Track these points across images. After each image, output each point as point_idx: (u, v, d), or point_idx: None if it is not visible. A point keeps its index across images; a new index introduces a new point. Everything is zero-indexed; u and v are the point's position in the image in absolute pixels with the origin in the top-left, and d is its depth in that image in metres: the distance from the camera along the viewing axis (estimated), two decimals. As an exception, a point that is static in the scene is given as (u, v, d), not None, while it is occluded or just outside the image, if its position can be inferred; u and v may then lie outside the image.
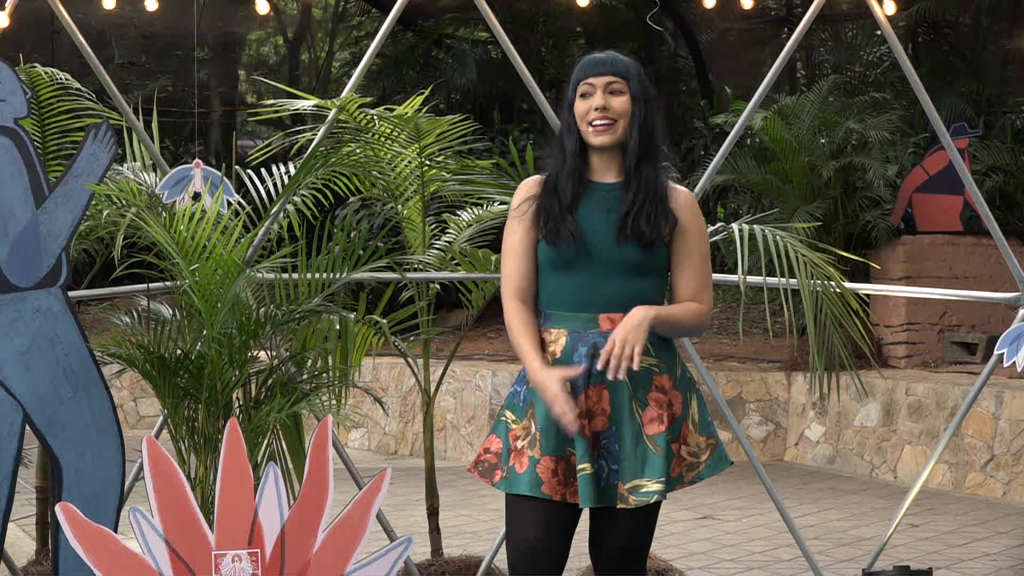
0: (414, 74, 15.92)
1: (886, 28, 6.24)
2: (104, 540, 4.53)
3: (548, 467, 4.13)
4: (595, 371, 4.12)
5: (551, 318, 4.22)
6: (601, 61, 4.26)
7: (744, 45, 18.91)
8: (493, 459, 4.25)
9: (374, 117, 6.13)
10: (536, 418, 4.17)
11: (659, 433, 4.13)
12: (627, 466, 4.13)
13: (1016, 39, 14.73)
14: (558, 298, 4.22)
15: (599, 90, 4.20)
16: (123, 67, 18.36)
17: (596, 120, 4.19)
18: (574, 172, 4.22)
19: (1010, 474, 9.65)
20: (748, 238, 5.95)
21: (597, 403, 4.15)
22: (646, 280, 4.20)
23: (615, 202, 4.18)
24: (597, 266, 4.17)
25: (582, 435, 4.09)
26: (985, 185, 12.46)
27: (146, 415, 13.11)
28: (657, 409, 4.15)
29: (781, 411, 11.53)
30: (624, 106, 4.21)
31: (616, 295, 4.16)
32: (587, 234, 4.16)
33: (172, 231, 5.25)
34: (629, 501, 4.13)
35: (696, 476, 4.25)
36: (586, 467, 4.09)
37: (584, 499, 4.10)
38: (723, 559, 7.84)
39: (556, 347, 4.18)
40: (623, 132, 4.21)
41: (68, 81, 6.27)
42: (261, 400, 5.40)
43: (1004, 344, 5.82)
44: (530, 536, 4.15)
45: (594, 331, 4.15)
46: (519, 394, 4.26)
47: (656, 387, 4.16)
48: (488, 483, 4.26)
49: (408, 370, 6.89)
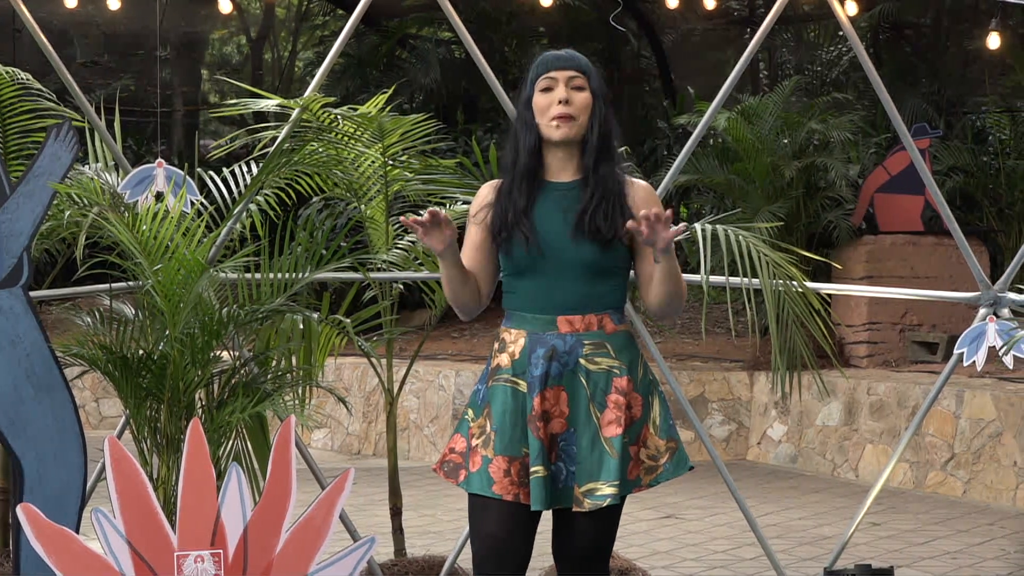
0: (378, 74, 15.91)
1: (848, 29, 6.27)
2: (66, 541, 4.52)
3: (500, 467, 4.11)
4: (553, 373, 4.10)
5: (512, 318, 4.22)
6: (562, 56, 4.22)
7: (707, 45, 18.98)
8: (458, 459, 4.23)
9: (337, 116, 6.12)
10: (492, 417, 4.16)
11: (616, 436, 4.09)
12: (583, 469, 4.10)
13: (977, 40, 14.81)
14: (517, 299, 4.21)
15: (561, 84, 4.17)
16: (85, 66, 18.28)
17: (558, 113, 4.14)
18: (529, 173, 4.18)
19: (970, 472, 9.71)
20: (711, 238, 5.97)
21: (555, 405, 4.12)
22: (606, 281, 4.17)
23: (572, 201, 4.15)
24: (555, 268, 4.13)
25: (536, 437, 4.07)
26: (946, 185, 12.55)
27: (108, 415, 13.05)
28: (615, 411, 4.11)
29: (744, 410, 11.57)
30: (585, 101, 4.18)
31: (574, 297, 4.14)
32: (543, 236, 4.13)
33: (135, 231, 5.23)
34: (584, 504, 4.10)
35: (654, 479, 4.22)
36: (538, 470, 4.07)
37: (535, 501, 4.07)
38: (686, 558, 7.86)
39: (515, 347, 4.17)
40: (584, 128, 4.18)
41: (29, 81, 6.25)
42: (224, 400, 5.39)
43: (964, 344, 5.86)
44: (493, 533, 4.13)
45: (552, 333, 4.13)
46: (479, 392, 4.25)
47: (616, 389, 4.13)
48: (453, 483, 4.23)
49: (371, 370, 6.89)
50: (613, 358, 4.14)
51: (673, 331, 13.37)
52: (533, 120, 4.19)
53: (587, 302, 4.14)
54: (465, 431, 4.23)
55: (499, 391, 4.18)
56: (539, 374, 4.11)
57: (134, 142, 16.50)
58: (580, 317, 4.13)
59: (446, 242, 4.07)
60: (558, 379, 4.11)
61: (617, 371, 4.14)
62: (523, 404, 4.14)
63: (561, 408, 4.13)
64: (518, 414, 4.13)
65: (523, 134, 4.21)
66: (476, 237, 4.27)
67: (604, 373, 4.13)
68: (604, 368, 4.12)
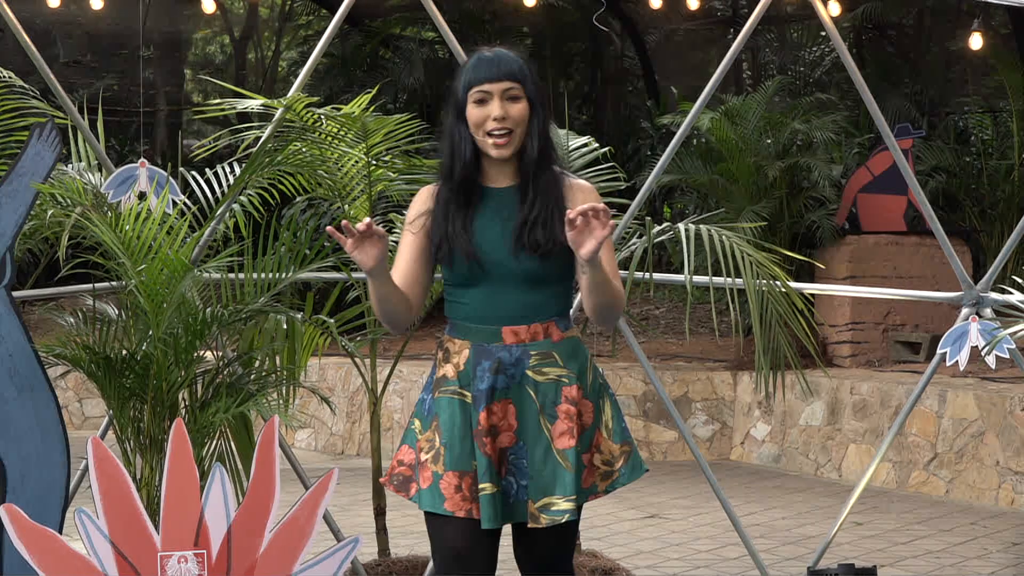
0: (361, 73, 15.89)
1: (831, 29, 6.28)
2: (49, 541, 4.51)
3: (451, 483, 3.99)
4: (499, 386, 4.01)
5: (456, 327, 4.10)
6: (494, 63, 4.01)
7: (691, 46, 18.99)
8: (407, 471, 4.12)
9: (321, 116, 6.11)
10: (440, 431, 4.04)
11: (569, 448, 3.98)
12: (536, 484, 3.99)
13: (959, 41, 14.85)
14: (461, 309, 4.09)
15: (496, 97, 3.98)
16: (68, 66, 18.22)
17: (495, 130, 3.98)
18: (466, 183, 4.04)
19: (953, 472, 9.73)
20: (694, 238, 5.98)
21: (503, 418, 4.01)
22: (549, 290, 4.05)
23: (511, 209, 4.01)
24: (496, 279, 4.02)
25: (484, 453, 3.96)
26: (928, 185, 12.57)
27: (91, 416, 13.02)
28: (566, 423, 3.99)
29: (727, 410, 11.58)
30: (522, 113, 4.00)
31: (518, 306, 4.01)
32: (483, 247, 4.00)
33: (118, 231, 5.22)
34: (540, 520, 3.99)
35: (611, 485, 4.10)
36: (486, 487, 3.95)
37: (486, 520, 3.95)
38: (670, 558, 7.87)
39: (459, 359, 4.05)
40: (521, 138, 4.02)
41: (12, 79, 6.23)
42: (207, 400, 5.38)
43: (946, 344, 5.87)
44: (457, 546, 4.03)
45: (497, 344, 4.02)
46: (425, 402, 4.13)
47: (565, 399, 4.01)
48: (404, 496, 4.11)
49: (355, 370, 6.88)
50: (561, 367, 4.03)
51: (657, 331, 13.38)
52: (467, 132, 4.02)
53: (531, 311, 4.03)
54: (412, 442, 4.12)
55: (445, 403, 4.05)
56: (485, 388, 4.00)
57: (117, 142, 16.49)
58: (525, 327, 4.02)
59: (377, 258, 3.89)
60: (505, 392, 4.01)
61: (566, 380, 4.03)
62: (470, 417, 4.02)
63: (509, 421, 4.01)
64: (466, 427, 4.01)
65: (458, 144, 4.04)
66: (414, 246, 4.12)
67: (553, 383, 4.02)
68: (552, 378, 4.02)
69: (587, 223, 3.77)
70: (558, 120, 8.02)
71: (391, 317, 4.06)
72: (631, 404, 11.34)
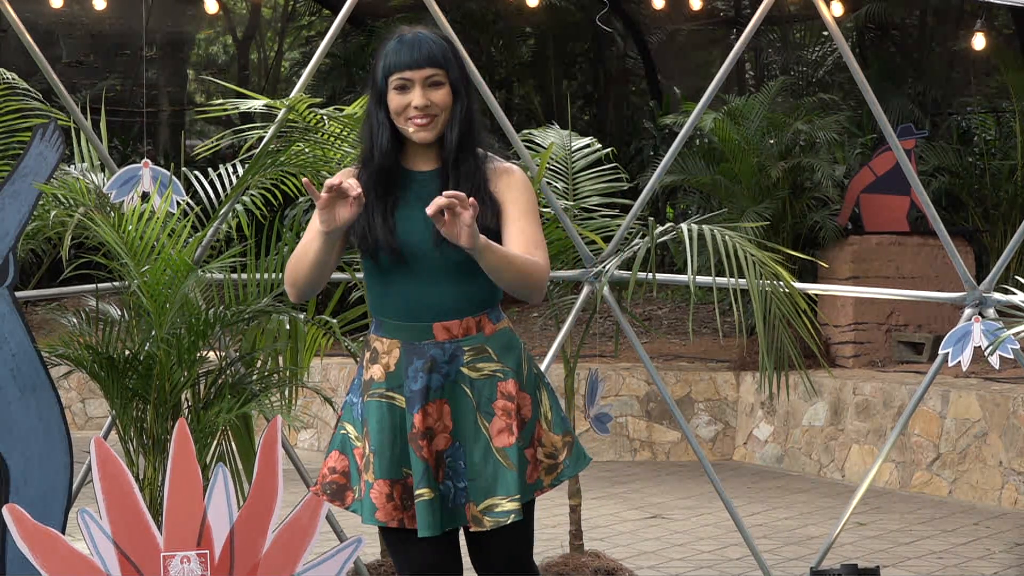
0: (364, 74, 15.89)
1: (834, 30, 6.28)
2: (52, 542, 4.51)
3: (382, 492, 3.83)
4: (434, 386, 3.84)
5: (382, 326, 3.92)
6: (415, 47, 3.85)
7: (693, 46, 18.99)
8: (340, 479, 3.95)
9: (323, 117, 6.11)
10: (370, 437, 3.87)
11: (509, 445, 3.82)
12: (478, 486, 3.83)
13: (962, 41, 14.85)
14: (387, 307, 3.91)
15: (417, 85, 3.83)
16: (71, 66, 18.24)
17: (415, 118, 3.83)
18: (386, 170, 3.88)
19: (956, 473, 9.72)
20: (697, 238, 5.97)
21: (438, 419, 3.84)
22: (477, 280, 3.82)
23: (433, 195, 3.66)
24: (422, 272, 3.84)
25: (420, 457, 3.79)
26: (931, 186, 12.57)
27: (94, 416, 13.03)
28: (505, 419, 3.83)
29: (730, 411, 11.58)
30: (445, 99, 3.85)
31: (447, 300, 3.84)
32: (406, 237, 3.83)
33: (121, 231, 5.23)
34: (484, 523, 3.83)
35: (556, 478, 3.95)
36: (423, 492, 3.79)
37: (423, 527, 3.79)
38: (672, 558, 7.86)
39: (389, 359, 3.88)
40: (443, 124, 3.86)
41: (15, 80, 6.23)
42: (210, 401, 5.38)
43: (949, 344, 5.87)
44: (422, 559, 3.89)
45: (429, 342, 3.85)
46: (355, 406, 3.96)
47: (502, 395, 3.85)
48: (340, 506, 3.96)
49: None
50: (496, 361, 3.87)
51: (660, 331, 13.38)
52: (386, 118, 3.87)
53: (462, 305, 3.85)
54: (344, 448, 3.96)
55: (374, 408, 3.89)
56: (419, 388, 3.83)
57: (120, 142, 16.49)
58: (457, 322, 3.85)
59: (343, 222, 3.71)
60: (440, 392, 3.84)
61: (501, 375, 3.87)
62: (401, 421, 3.85)
63: (445, 423, 3.85)
64: (396, 432, 3.85)
65: (376, 130, 3.88)
66: None
67: (488, 379, 3.86)
68: (487, 374, 3.86)
69: (453, 214, 3.57)
70: (561, 121, 8.02)
71: (307, 285, 3.88)
72: (634, 404, 11.34)
